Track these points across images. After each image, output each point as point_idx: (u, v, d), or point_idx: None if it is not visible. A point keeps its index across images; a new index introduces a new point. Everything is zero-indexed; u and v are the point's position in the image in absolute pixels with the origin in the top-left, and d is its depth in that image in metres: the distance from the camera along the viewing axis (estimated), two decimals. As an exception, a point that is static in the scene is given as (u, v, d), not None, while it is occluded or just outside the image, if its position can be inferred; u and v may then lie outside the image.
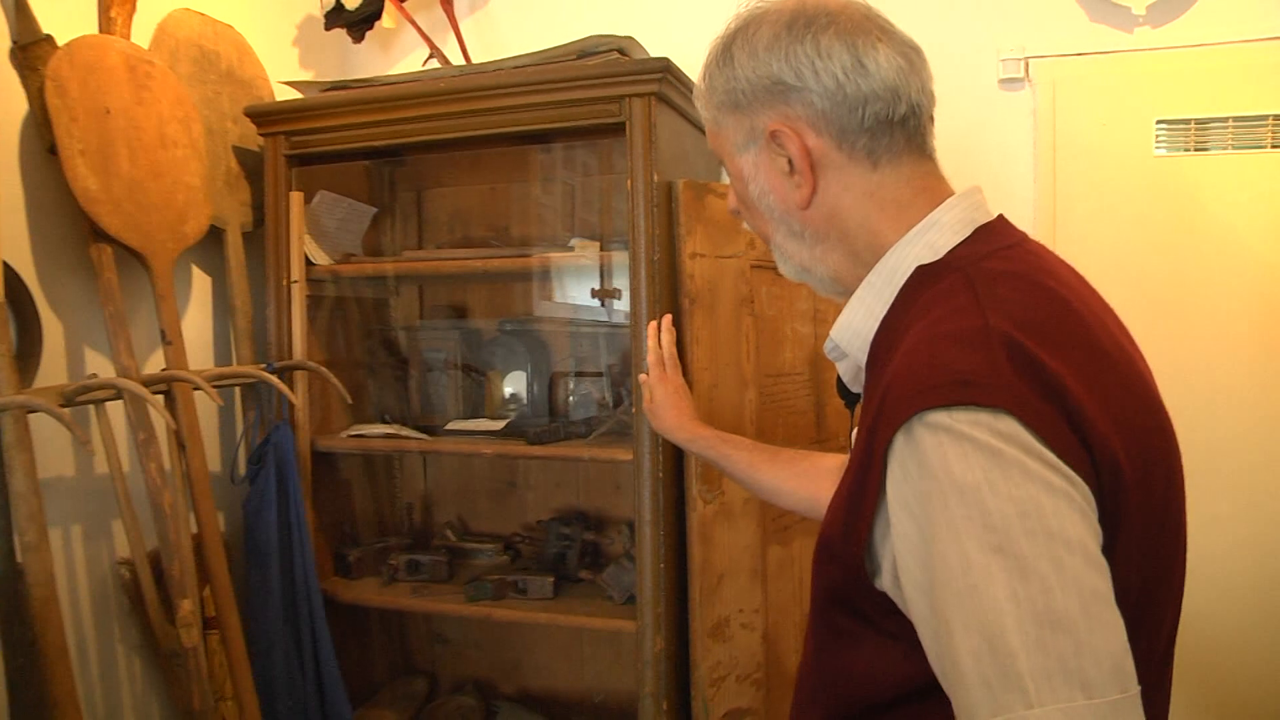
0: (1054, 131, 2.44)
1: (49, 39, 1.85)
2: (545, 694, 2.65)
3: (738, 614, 2.05)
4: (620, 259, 2.16)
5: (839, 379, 1.11)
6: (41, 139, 1.87)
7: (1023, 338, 0.80)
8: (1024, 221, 2.31)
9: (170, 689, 2.07)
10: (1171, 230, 2.39)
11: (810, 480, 1.51)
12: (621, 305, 2.29)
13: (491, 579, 2.24)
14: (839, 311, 1.05)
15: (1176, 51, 2.38)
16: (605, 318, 2.50)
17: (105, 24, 2.01)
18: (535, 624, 2.45)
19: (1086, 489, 0.77)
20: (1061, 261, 0.98)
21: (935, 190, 0.99)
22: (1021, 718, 0.70)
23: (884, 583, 0.87)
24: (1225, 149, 2.35)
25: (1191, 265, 2.39)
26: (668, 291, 2.00)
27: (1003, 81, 2.49)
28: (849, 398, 1.12)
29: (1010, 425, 0.76)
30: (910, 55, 0.98)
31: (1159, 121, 2.39)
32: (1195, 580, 1.17)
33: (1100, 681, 0.70)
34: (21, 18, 1.82)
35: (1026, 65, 2.47)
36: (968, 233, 0.95)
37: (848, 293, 1.03)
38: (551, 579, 2.23)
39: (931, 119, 1.01)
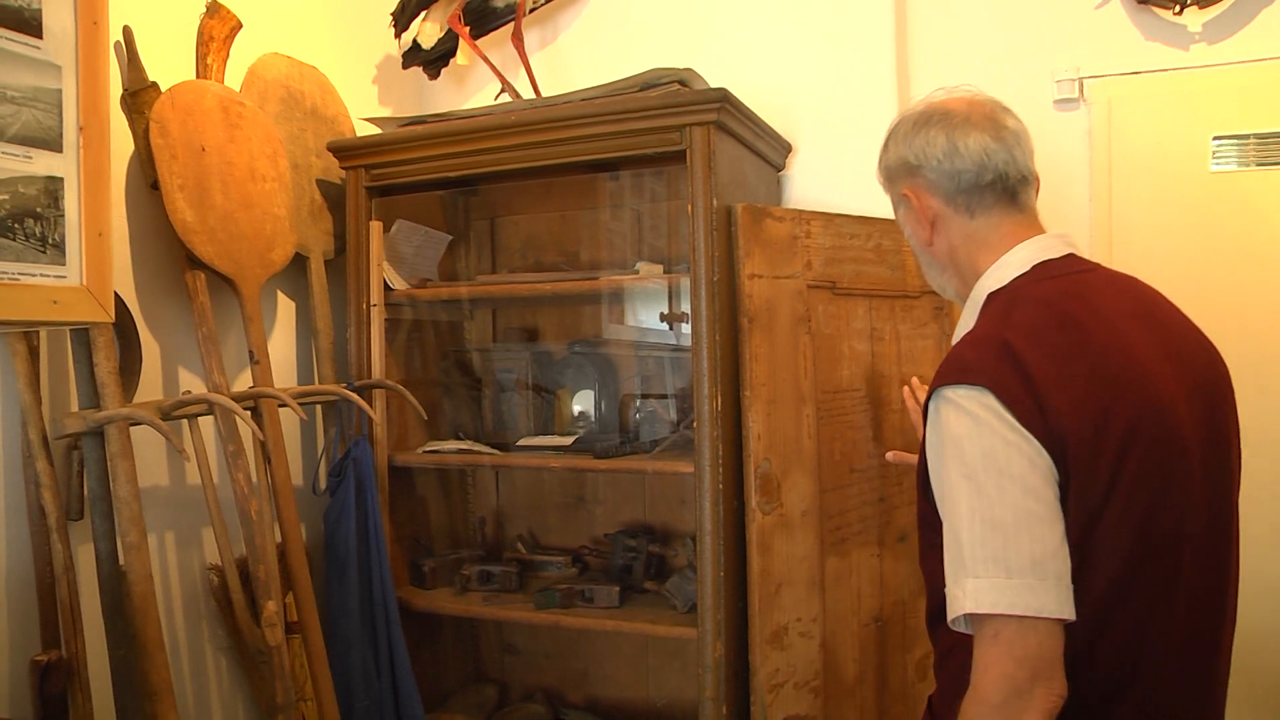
0: (1109, 150, 2.46)
1: (154, 85, 2.01)
2: (612, 703, 2.72)
3: (796, 622, 2.10)
4: (686, 282, 2.23)
5: None
6: (145, 175, 2.03)
7: (1016, 341, 1.18)
8: (1079, 241, 2.34)
9: (254, 686, 2.19)
10: (1229, 245, 2.40)
11: None
12: (688, 328, 2.35)
13: (560, 588, 2.32)
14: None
15: (1234, 67, 2.39)
16: (673, 340, 2.57)
17: (202, 70, 2.17)
18: (602, 633, 2.52)
19: (1039, 445, 1.13)
20: (1117, 289, 1.31)
21: (1019, 235, 1.35)
22: (964, 581, 1.11)
23: (936, 502, 1.23)
24: (1286, 164, 2.36)
25: (1250, 280, 2.39)
26: (727, 311, 2.08)
27: (1058, 102, 2.53)
28: None
29: (988, 398, 1.15)
30: (1005, 137, 1.34)
31: (1215, 137, 2.40)
32: (1251, 598, 1.41)
33: (1020, 568, 1.09)
34: (133, 68, 1.99)
35: (1081, 85, 2.51)
36: (1028, 268, 1.31)
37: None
38: (617, 588, 2.31)
39: (1024, 181, 1.36)
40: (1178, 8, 2.40)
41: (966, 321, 1.37)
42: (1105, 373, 1.18)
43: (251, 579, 2.06)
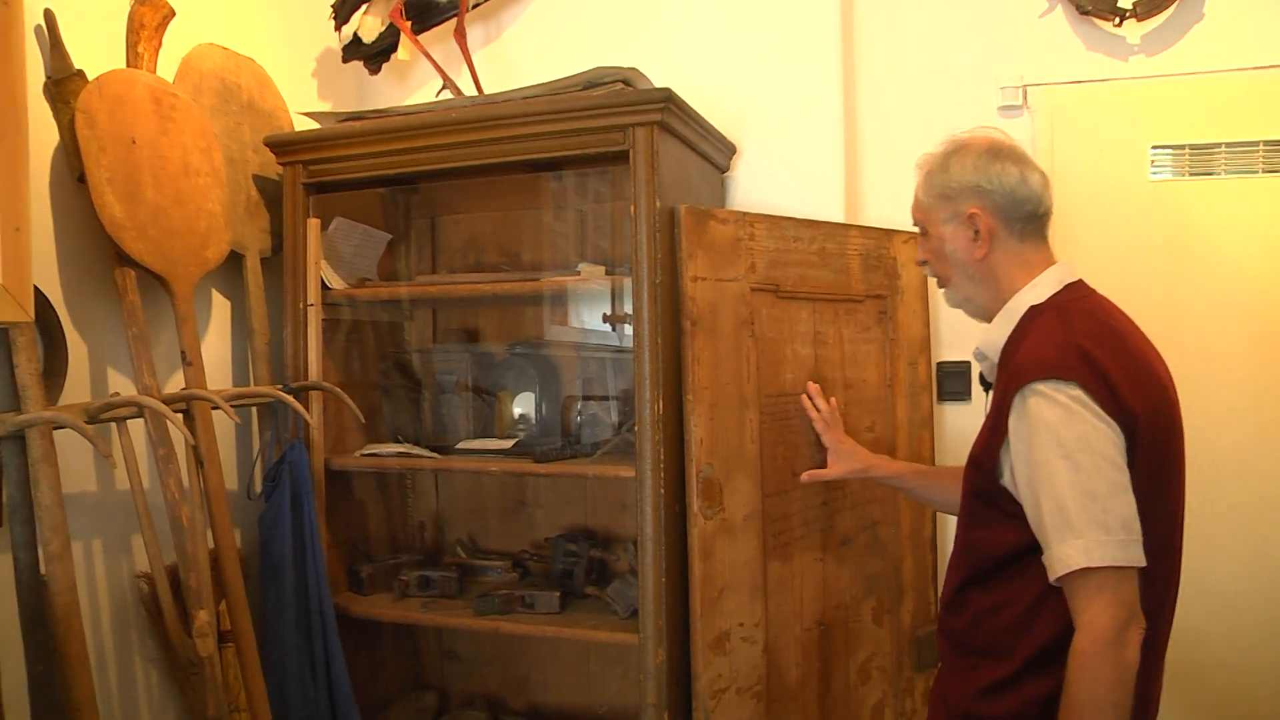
0: (1052, 157, 2.49)
1: (80, 74, 1.94)
2: (554, 709, 2.70)
3: (738, 628, 2.09)
4: (629, 284, 2.21)
5: (981, 374, 1.72)
6: (71, 168, 1.96)
7: (1086, 344, 1.42)
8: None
9: (186, 699, 2.13)
10: (1166, 254, 2.44)
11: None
12: (631, 330, 2.34)
13: (500, 594, 2.29)
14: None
15: (1170, 79, 2.43)
16: (615, 342, 2.55)
17: (133, 59, 2.10)
18: (543, 639, 2.50)
19: (1117, 428, 1.39)
20: (1111, 303, 1.58)
21: (1047, 259, 1.62)
22: (1073, 542, 1.35)
23: (1005, 480, 1.49)
24: (1219, 174, 2.40)
25: (1185, 287, 2.44)
26: (669, 314, 2.06)
27: (1002, 109, 2.56)
28: (986, 385, 1.69)
29: (1075, 390, 1.39)
30: (1046, 180, 1.61)
31: (1154, 147, 2.44)
32: (1193, 599, 1.59)
33: (1114, 527, 1.35)
34: (56, 54, 1.92)
35: (1025, 93, 2.54)
36: (1059, 288, 1.57)
37: (987, 318, 1.65)
38: (558, 594, 2.29)
39: (1050, 217, 1.63)
40: (1118, 20, 2.43)
41: (1001, 329, 1.59)
42: (1147, 374, 1.47)
43: (183, 587, 2.00)
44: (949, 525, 2.59)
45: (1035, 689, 1.44)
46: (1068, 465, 1.37)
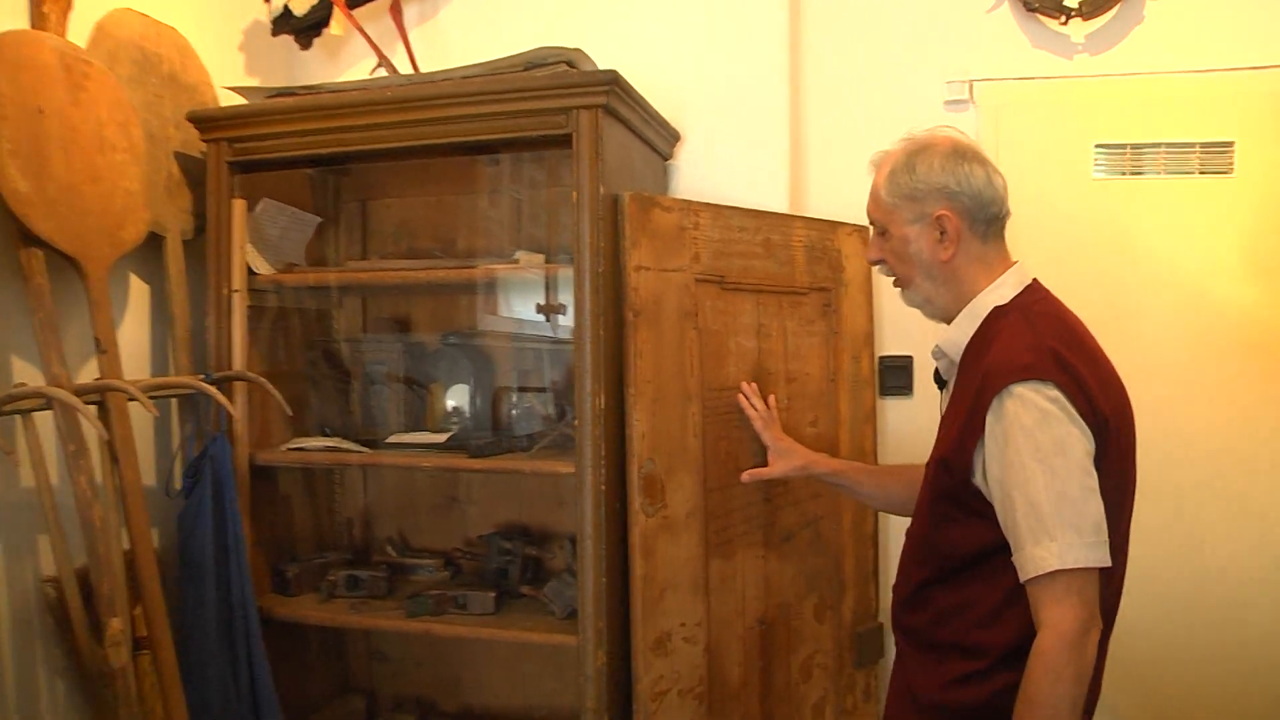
0: (996, 153, 2.46)
1: (-29, 32, 1.80)
2: (487, 712, 2.63)
3: (680, 628, 2.04)
4: (566, 273, 2.14)
5: (936, 371, 1.72)
6: (-33, 138, 1.82)
7: (1058, 347, 1.44)
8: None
9: (96, 713, 2.00)
10: (1108, 251, 2.46)
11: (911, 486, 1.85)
12: (567, 320, 2.27)
13: (432, 594, 2.21)
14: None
15: (1113, 79, 2.44)
16: (550, 332, 2.48)
17: (38, 19, 1.96)
18: (476, 640, 2.42)
19: (1089, 431, 1.41)
20: (1062, 304, 1.59)
21: (1007, 260, 1.63)
22: (1047, 544, 1.36)
23: (977, 480, 1.49)
24: (1158, 174, 2.41)
25: (1125, 285, 2.46)
26: (611, 304, 2.00)
27: (948, 103, 2.55)
28: (941, 383, 1.72)
29: (1052, 392, 1.40)
30: (1004, 178, 1.61)
31: (1098, 145, 2.45)
32: (1125, 591, 1.56)
33: (1086, 529, 1.37)
34: (-56, 11, 1.78)
35: (971, 88, 2.53)
36: (1020, 289, 1.58)
37: (947, 318, 1.64)
38: (493, 594, 2.22)
39: (1009, 217, 1.63)
40: (1064, 18, 2.44)
41: (963, 329, 1.59)
42: (1109, 375, 1.51)
43: (94, 593, 1.88)
44: (891, 520, 2.57)
45: (1009, 679, 1.44)
46: (1043, 468, 1.38)
